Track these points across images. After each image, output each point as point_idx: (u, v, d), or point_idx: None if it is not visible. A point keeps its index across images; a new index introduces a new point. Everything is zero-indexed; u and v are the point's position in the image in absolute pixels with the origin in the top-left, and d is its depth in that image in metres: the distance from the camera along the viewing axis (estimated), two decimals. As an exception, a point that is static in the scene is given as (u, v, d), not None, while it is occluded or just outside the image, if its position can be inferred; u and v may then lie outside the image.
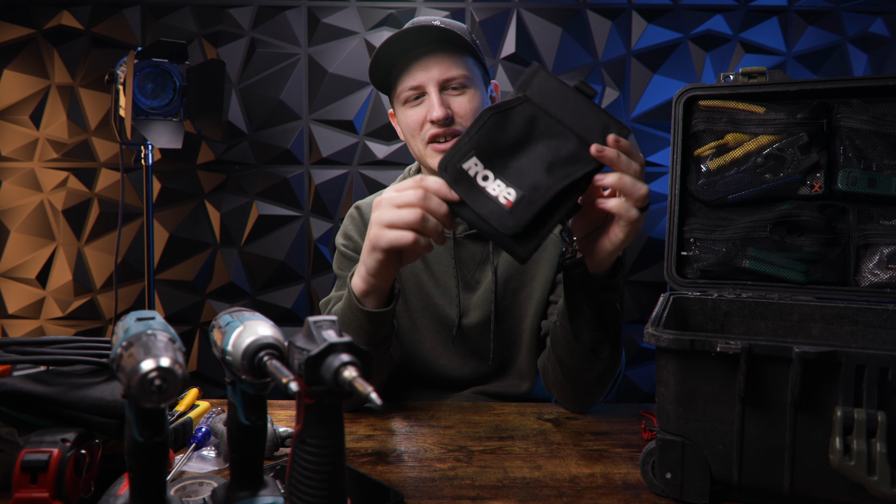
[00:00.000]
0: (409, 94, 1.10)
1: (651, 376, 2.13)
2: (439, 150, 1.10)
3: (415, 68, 1.09)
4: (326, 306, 1.13)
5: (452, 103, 1.09)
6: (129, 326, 0.56)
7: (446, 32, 1.07)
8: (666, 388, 0.74)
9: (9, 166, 2.09)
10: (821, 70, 2.07)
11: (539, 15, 2.07)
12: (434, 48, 1.09)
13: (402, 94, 1.11)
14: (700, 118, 1.05)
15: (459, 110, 1.09)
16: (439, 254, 1.20)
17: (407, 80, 1.10)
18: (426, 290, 1.18)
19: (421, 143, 1.12)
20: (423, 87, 1.09)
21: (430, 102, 1.08)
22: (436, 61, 1.08)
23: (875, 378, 0.66)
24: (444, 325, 1.18)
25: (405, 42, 1.08)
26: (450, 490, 0.77)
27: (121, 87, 1.73)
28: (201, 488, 0.70)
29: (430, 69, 1.08)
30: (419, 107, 1.11)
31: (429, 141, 1.10)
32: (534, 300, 1.16)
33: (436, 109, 1.07)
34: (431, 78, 1.08)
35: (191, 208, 2.11)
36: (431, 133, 1.10)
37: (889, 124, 0.97)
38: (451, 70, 1.09)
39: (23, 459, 0.63)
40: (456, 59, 1.09)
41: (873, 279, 0.98)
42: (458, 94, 1.10)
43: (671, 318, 0.91)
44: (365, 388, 0.49)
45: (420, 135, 1.11)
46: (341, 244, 1.23)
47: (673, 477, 0.74)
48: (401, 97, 1.12)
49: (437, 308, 1.18)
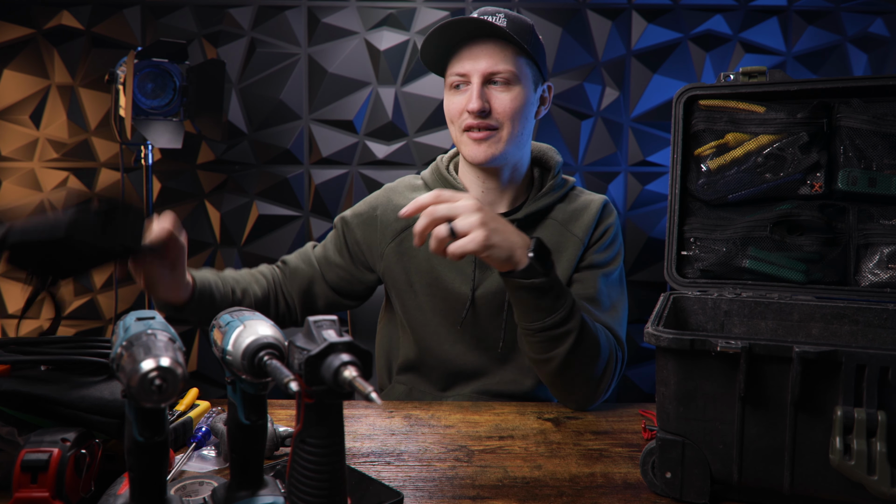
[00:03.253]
0: (455, 79, 1.12)
1: (651, 376, 2.13)
2: (473, 138, 1.12)
3: (465, 56, 1.11)
4: None
5: (493, 98, 1.11)
6: (129, 326, 0.56)
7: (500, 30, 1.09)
8: (666, 387, 0.74)
9: (9, 166, 2.09)
10: (821, 70, 2.07)
11: (539, 15, 2.07)
12: (488, 40, 1.11)
13: (449, 78, 1.14)
14: (700, 118, 1.05)
15: (498, 106, 1.10)
16: None
17: (455, 66, 1.12)
18: (438, 272, 1.18)
19: (457, 130, 1.15)
20: (469, 76, 1.11)
21: (470, 92, 1.10)
22: (486, 53, 1.10)
23: (875, 378, 0.66)
24: (453, 307, 1.17)
25: (464, 29, 1.09)
26: (450, 490, 0.77)
27: (121, 87, 1.73)
28: (201, 488, 0.70)
29: (478, 60, 1.10)
30: (461, 95, 1.12)
31: (463, 130, 1.13)
32: None
33: (473, 101, 1.09)
34: (477, 69, 1.10)
35: (191, 208, 2.11)
36: (467, 123, 1.12)
37: (889, 124, 0.97)
38: (497, 64, 1.10)
39: (23, 459, 0.63)
40: (506, 55, 1.10)
41: (873, 279, 0.98)
42: (501, 90, 1.11)
43: (671, 317, 0.91)
44: (365, 387, 0.49)
45: (457, 122, 1.14)
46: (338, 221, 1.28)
47: (673, 476, 0.74)
48: (447, 81, 1.15)
49: (447, 290, 1.17)
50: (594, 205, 1.21)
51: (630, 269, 2.11)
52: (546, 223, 1.19)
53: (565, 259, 1.16)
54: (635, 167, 2.10)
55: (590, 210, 1.20)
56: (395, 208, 1.21)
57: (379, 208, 1.23)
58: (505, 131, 1.12)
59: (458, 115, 1.13)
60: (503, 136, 1.12)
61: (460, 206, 0.90)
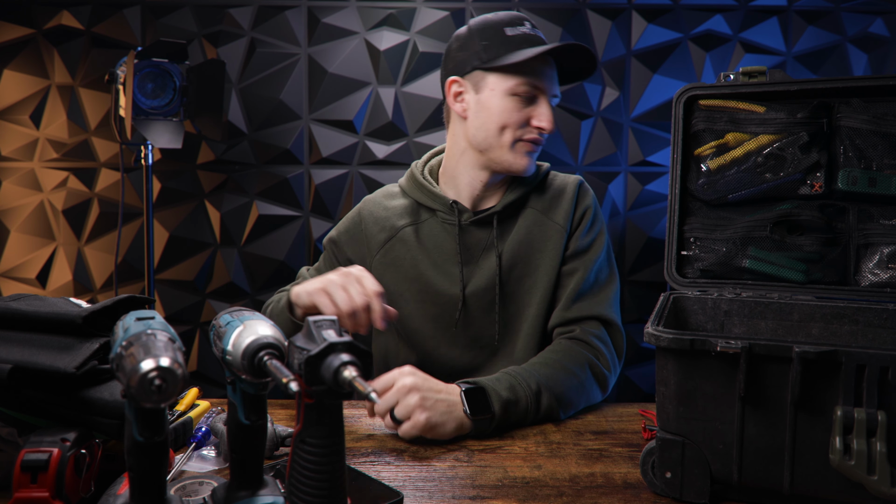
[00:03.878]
0: (526, 90, 1.12)
1: (651, 376, 2.13)
2: (529, 150, 1.15)
3: (544, 73, 1.13)
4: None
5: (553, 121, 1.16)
6: (129, 326, 0.56)
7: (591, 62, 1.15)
8: (666, 387, 0.74)
9: (9, 166, 2.09)
10: (821, 70, 2.07)
11: (539, 15, 2.07)
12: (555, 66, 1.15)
13: (518, 86, 1.12)
14: (700, 118, 1.05)
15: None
16: (441, 240, 1.20)
17: (532, 78, 1.12)
18: (426, 278, 1.19)
19: (510, 137, 1.14)
20: (543, 93, 1.13)
21: (544, 111, 1.13)
22: (554, 75, 1.16)
23: (875, 378, 0.66)
24: (445, 310, 1.18)
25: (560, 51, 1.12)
26: (450, 490, 0.77)
27: (121, 87, 1.73)
28: (201, 488, 0.70)
29: (552, 82, 1.15)
30: (530, 106, 1.14)
31: (521, 140, 1.14)
32: (538, 289, 1.17)
33: (550, 122, 1.13)
34: (549, 90, 1.14)
35: (191, 208, 2.11)
36: (531, 137, 1.14)
37: (889, 124, 0.97)
38: (557, 90, 1.17)
39: (23, 459, 0.63)
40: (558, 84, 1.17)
41: (873, 279, 0.98)
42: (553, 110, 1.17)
43: (671, 317, 0.91)
44: (365, 387, 0.49)
45: (516, 131, 1.14)
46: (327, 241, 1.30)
47: (673, 476, 0.74)
48: (512, 87, 1.12)
49: (438, 294, 1.18)
50: (570, 188, 1.22)
51: (630, 269, 2.11)
52: (525, 213, 1.20)
53: (551, 249, 1.17)
54: (635, 167, 2.10)
55: (566, 194, 1.21)
56: (377, 220, 1.23)
57: (363, 222, 1.25)
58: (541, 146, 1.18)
59: (519, 123, 1.14)
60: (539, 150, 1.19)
61: (392, 395, 0.91)
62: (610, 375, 1.11)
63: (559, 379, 1.01)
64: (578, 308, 1.15)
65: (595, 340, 1.11)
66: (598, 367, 1.09)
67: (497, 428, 0.95)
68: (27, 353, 0.72)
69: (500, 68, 1.12)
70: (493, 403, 0.94)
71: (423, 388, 0.91)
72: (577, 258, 1.18)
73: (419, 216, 1.23)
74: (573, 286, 1.16)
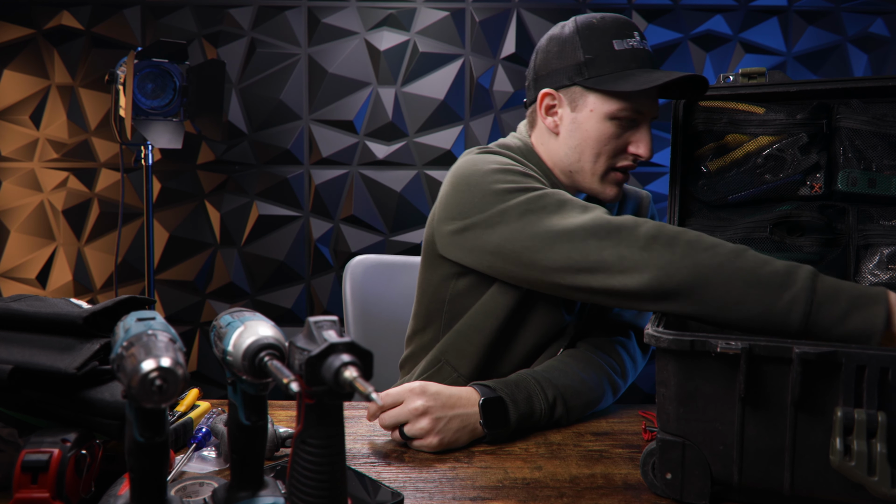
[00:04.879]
0: (628, 114, 1.03)
1: (651, 376, 2.13)
2: (619, 180, 1.07)
3: (651, 98, 1.04)
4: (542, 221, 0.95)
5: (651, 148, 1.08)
6: (130, 327, 0.56)
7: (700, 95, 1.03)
8: (666, 388, 0.74)
9: (9, 166, 2.09)
10: (821, 70, 2.07)
11: (539, 15, 2.07)
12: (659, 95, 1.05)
13: (620, 110, 1.02)
14: (700, 119, 1.05)
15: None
16: None
17: (637, 103, 1.03)
18: None
19: (603, 163, 1.06)
20: (643, 117, 1.05)
21: (644, 137, 1.05)
22: (657, 100, 1.06)
23: (875, 378, 0.66)
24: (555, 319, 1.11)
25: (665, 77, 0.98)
26: (450, 490, 0.77)
27: (121, 87, 1.73)
28: (202, 488, 0.70)
29: (654, 107, 1.05)
30: (629, 132, 1.05)
31: (615, 168, 1.06)
32: None
33: (649, 149, 1.05)
34: (652, 113, 1.06)
35: (191, 208, 2.11)
36: (626, 164, 1.06)
37: (889, 125, 0.97)
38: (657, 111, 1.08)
39: (23, 460, 0.63)
40: None
41: (873, 279, 0.98)
42: None
43: (671, 318, 0.91)
44: (366, 388, 0.49)
45: (612, 158, 1.05)
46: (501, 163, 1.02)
47: (673, 477, 0.74)
48: (615, 109, 1.02)
49: None
50: (644, 202, 1.24)
51: (630, 269, 2.11)
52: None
53: None
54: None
55: (641, 209, 1.23)
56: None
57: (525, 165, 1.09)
58: None
59: (616, 150, 1.05)
60: None
61: (405, 413, 0.88)
62: (624, 385, 1.11)
63: (575, 390, 1.00)
64: (619, 314, 1.15)
65: (620, 349, 1.11)
66: (615, 378, 1.08)
67: (511, 431, 0.94)
68: (28, 353, 0.72)
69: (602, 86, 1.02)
70: (510, 416, 0.92)
71: (436, 409, 0.88)
72: None
73: None
74: None
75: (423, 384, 0.91)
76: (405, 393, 0.90)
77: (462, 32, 2.08)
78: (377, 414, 0.91)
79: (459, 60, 2.08)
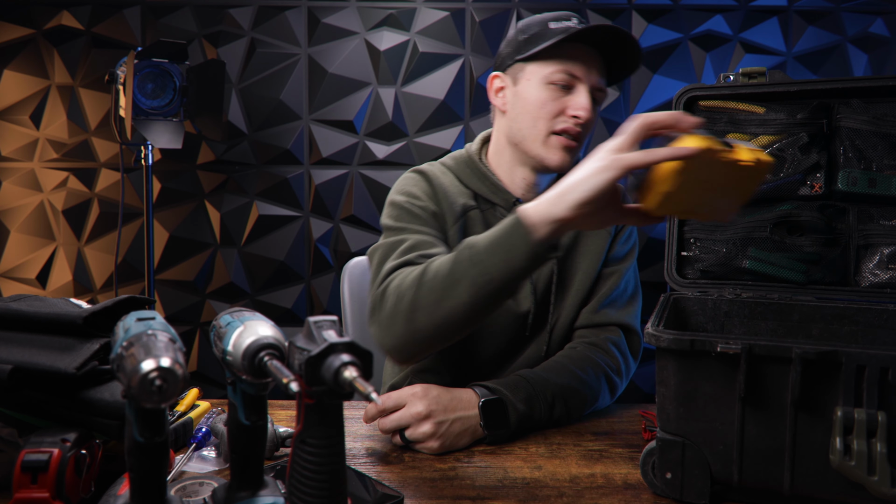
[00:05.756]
0: (561, 77, 1.05)
1: (651, 376, 2.13)
2: (563, 144, 1.08)
3: (581, 60, 1.06)
4: (393, 248, 1.02)
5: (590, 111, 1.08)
6: (130, 327, 0.56)
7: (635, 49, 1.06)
8: (666, 388, 0.74)
9: (9, 166, 2.09)
10: (821, 70, 2.07)
11: (539, 15, 2.07)
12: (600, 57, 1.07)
13: (553, 73, 1.06)
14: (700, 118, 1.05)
15: (592, 122, 1.08)
16: None
17: (568, 66, 1.05)
18: None
19: (544, 129, 1.07)
20: (579, 81, 1.06)
21: (579, 99, 1.05)
22: (596, 66, 1.07)
23: (875, 378, 0.66)
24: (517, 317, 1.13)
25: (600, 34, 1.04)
26: (450, 490, 0.77)
27: (121, 87, 1.73)
28: (201, 488, 0.70)
29: (591, 70, 1.06)
30: (566, 95, 1.07)
31: (557, 132, 1.07)
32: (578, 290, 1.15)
33: (586, 108, 1.05)
34: (590, 79, 1.06)
35: (191, 208, 2.11)
36: (565, 126, 1.06)
37: (889, 124, 0.97)
38: (600, 80, 1.08)
39: (23, 460, 0.63)
40: (602, 74, 1.09)
41: (873, 279, 0.98)
42: (596, 106, 1.09)
43: (671, 318, 0.91)
44: (365, 388, 0.49)
45: (550, 121, 1.07)
46: (403, 200, 1.10)
47: (673, 477, 0.74)
48: (549, 75, 1.06)
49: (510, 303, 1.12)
50: None
51: (630, 269, 2.11)
52: None
53: (595, 253, 1.15)
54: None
55: None
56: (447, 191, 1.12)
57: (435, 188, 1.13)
58: (582, 146, 1.10)
59: (555, 114, 1.06)
60: (580, 149, 1.11)
61: (407, 417, 0.89)
62: (622, 383, 1.11)
63: (574, 389, 1.00)
64: (605, 314, 1.14)
65: (613, 348, 1.11)
66: (612, 376, 1.09)
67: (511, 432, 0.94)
68: (27, 353, 0.72)
69: (536, 56, 1.07)
70: (510, 418, 0.93)
71: (438, 413, 0.88)
72: (615, 263, 1.17)
73: (480, 205, 1.15)
74: (605, 291, 1.15)
75: (425, 387, 0.91)
76: (407, 396, 0.90)
77: (462, 32, 2.08)
78: (375, 417, 0.91)
79: (459, 60, 2.08)
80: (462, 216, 1.11)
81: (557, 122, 1.07)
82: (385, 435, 0.93)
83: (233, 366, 0.58)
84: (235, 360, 0.57)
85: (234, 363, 0.57)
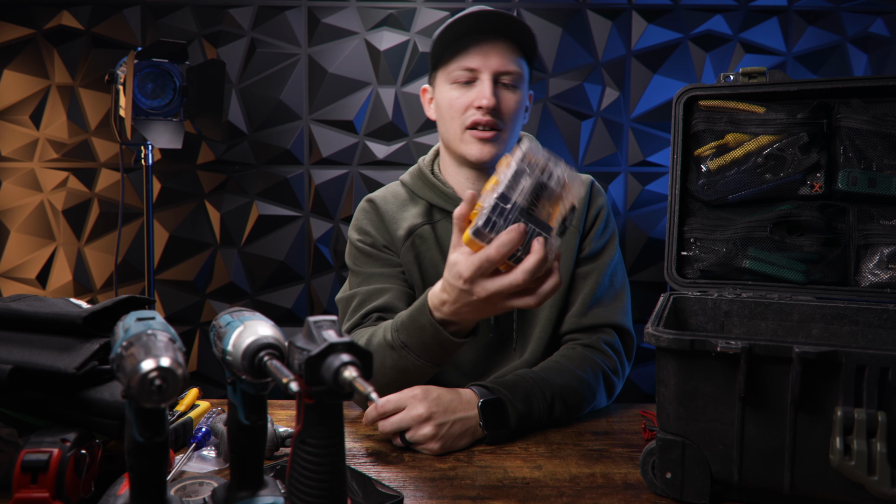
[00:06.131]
0: (461, 74, 1.08)
1: (651, 376, 2.13)
2: (477, 137, 1.09)
3: (474, 51, 1.07)
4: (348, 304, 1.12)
5: (502, 98, 1.08)
6: (129, 326, 0.56)
7: (518, 26, 1.07)
8: (666, 388, 0.74)
9: (9, 166, 2.09)
10: (821, 70, 2.07)
11: (539, 15, 2.07)
12: (497, 38, 1.08)
13: (452, 72, 1.09)
14: (700, 118, 1.05)
15: (505, 107, 1.09)
16: None
17: (463, 60, 1.08)
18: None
19: (458, 127, 1.10)
20: (479, 71, 1.07)
21: (481, 89, 1.07)
22: (496, 52, 1.07)
23: (875, 378, 0.66)
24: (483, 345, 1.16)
25: (472, 22, 1.06)
26: (450, 490, 0.77)
27: (121, 88, 1.73)
28: (201, 488, 0.70)
29: (489, 57, 1.07)
30: (467, 91, 1.09)
31: (469, 127, 1.09)
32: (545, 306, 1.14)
33: (487, 97, 1.06)
34: (489, 66, 1.07)
35: (191, 208, 2.11)
36: (474, 119, 1.08)
37: (889, 124, 0.97)
38: (508, 64, 1.08)
39: (23, 460, 0.63)
40: (514, 56, 1.09)
41: (873, 279, 0.98)
42: (508, 91, 1.09)
43: (671, 318, 0.91)
44: (365, 388, 0.49)
45: (461, 118, 1.09)
46: (356, 239, 1.18)
47: (673, 477, 0.74)
48: (450, 75, 1.10)
49: None
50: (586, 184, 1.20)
51: (630, 269, 2.11)
52: None
53: (566, 252, 1.15)
54: (635, 167, 2.10)
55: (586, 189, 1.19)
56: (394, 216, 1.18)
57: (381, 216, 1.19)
58: (506, 133, 1.11)
59: (462, 110, 1.09)
60: (505, 137, 1.11)
61: (408, 420, 0.88)
62: (619, 382, 1.11)
63: (573, 388, 1.00)
64: (594, 315, 1.14)
65: (608, 349, 1.11)
66: (610, 376, 1.09)
67: (511, 432, 0.95)
68: (27, 353, 0.72)
69: (440, 61, 1.11)
70: (510, 418, 0.93)
71: (438, 415, 0.88)
72: (592, 261, 1.16)
73: (432, 216, 1.18)
74: (588, 291, 1.14)
75: (425, 388, 0.91)
76: (407, 398, 0.90)
77: (462, 32, 2.08)
78: (375, 420, 0.91)
79: (459, 60, 2.08)
80: (409, 237, 1.16)
81: (467, 117, 1.09)
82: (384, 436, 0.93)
83: (233, 365, 0.58)
84: (235, 359, 0.57)
85: (234, 363, 0.57)
